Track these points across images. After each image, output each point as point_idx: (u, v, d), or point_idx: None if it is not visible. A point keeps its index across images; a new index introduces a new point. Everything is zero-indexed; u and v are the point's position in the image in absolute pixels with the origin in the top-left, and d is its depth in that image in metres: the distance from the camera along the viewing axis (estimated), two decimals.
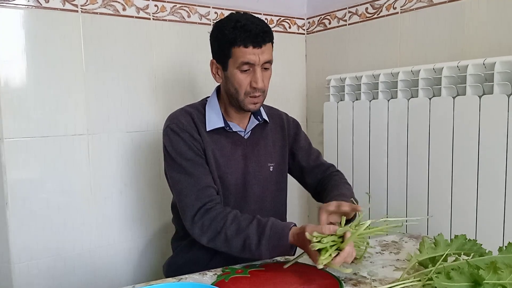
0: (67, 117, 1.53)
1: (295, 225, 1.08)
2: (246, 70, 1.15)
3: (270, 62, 1.18)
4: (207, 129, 1.22)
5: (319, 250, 0.96)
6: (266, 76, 1.19)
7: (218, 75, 1.23)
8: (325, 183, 1.33)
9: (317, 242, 0.95)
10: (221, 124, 1.23)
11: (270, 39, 1.17)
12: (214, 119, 1.23)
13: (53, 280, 1.53)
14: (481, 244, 0.99)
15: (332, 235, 0.97)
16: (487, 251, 0.97)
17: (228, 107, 1.25)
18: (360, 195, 1.72)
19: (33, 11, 1.45)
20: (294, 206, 2.13)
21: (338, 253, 0.96)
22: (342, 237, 0.97)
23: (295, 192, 1.37)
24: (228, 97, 1.23)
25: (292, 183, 1.43)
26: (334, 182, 1.30)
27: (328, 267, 0.99)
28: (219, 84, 1.27)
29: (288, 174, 1.41)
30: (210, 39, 1.22)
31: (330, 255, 0.95)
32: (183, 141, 1.19)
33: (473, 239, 1.00)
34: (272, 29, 1.20)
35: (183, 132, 1.20)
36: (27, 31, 1.44)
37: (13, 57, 1.42)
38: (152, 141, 1.70)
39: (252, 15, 1.17)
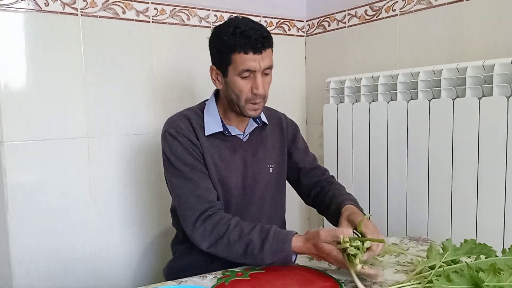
0: (67, 120, 1.53)
1: (296, 233, 1.09)
2: (246, 77, 1.15)
3: (270, 67, 1.17)
4: (206, 134, 1.22)
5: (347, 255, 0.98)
6: (266, 81, 1.18)
7: (218, 81, 1.22)
8: (325, 189, 1.34)
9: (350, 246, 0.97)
10: (220, 129, 1.22)
11: (270, 45, 1.16)
12: (212, 124, 1.23)
13: (53, 283, 1.53)
14: (491, 247, 0.96)
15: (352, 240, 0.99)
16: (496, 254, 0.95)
17: (228, 111, 1.25)
18: (360, 197, 1.72)
19: (33, 15, 1.45)
20: (294, 210, 2.13)
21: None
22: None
23: (295, 196, 1.37)
24: (228, 102, 1.22)
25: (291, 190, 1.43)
26: (339, 192, 1.31)
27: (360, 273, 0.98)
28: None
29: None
30: (209, 45, 1.21)
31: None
32: (182, 145, 1.19)
33: (483, 243, 0.97)
34: (272, 32, 1.20)
35: (181, 136, 1.19)
36: (27, 35, 1.44)
37: (13, 60, 1.42)
38: (152, 143, 1.71)
39: (251, 20, 1.16)
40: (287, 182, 1.42)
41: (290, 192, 1.43)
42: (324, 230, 1.02)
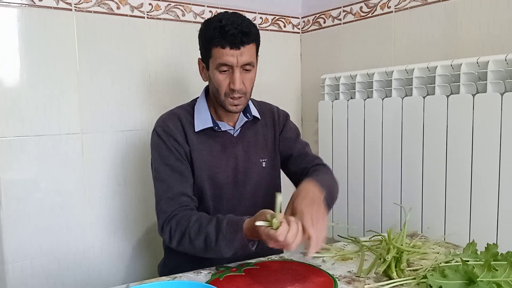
0: (61, 116, 1.52)
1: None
2: (225, 71, 1.14)
3: (251, 64, 1.16)
4: (196, 130, 1.21)
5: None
6: (246, 78, 1.17)
7: (204, 73, 1.24)
8: (308, 175, 1.26)
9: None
10: (210, 124, 1.22)
11: (251, 41, 1.14)
12: (202, 120, 1.23)
13: (47, 280, 1.52)
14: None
15: None
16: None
17: (216, 106, 1.25)
18: (355, 194, 1.73)
19: (27, 10, 1.44)
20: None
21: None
22: None
23: (290, 191, 1.37)
24: (213, 96, 1.23)
25: (287, 183, 1.42)
26: (315, 174, 1.23)
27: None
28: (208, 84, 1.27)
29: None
30: (198, 38, 1.22)
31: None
32: (166, 145, 1.19)
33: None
34: (267, 28, 1.19)
35: (167, 136, 1.20)
36: (20, 30, 1.43)
37: (6, 56, 1.41)
38: (146, 140, 1.70)
39: (239, 15, 1.15)
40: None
41: (284, 188, 1.42)
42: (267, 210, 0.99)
